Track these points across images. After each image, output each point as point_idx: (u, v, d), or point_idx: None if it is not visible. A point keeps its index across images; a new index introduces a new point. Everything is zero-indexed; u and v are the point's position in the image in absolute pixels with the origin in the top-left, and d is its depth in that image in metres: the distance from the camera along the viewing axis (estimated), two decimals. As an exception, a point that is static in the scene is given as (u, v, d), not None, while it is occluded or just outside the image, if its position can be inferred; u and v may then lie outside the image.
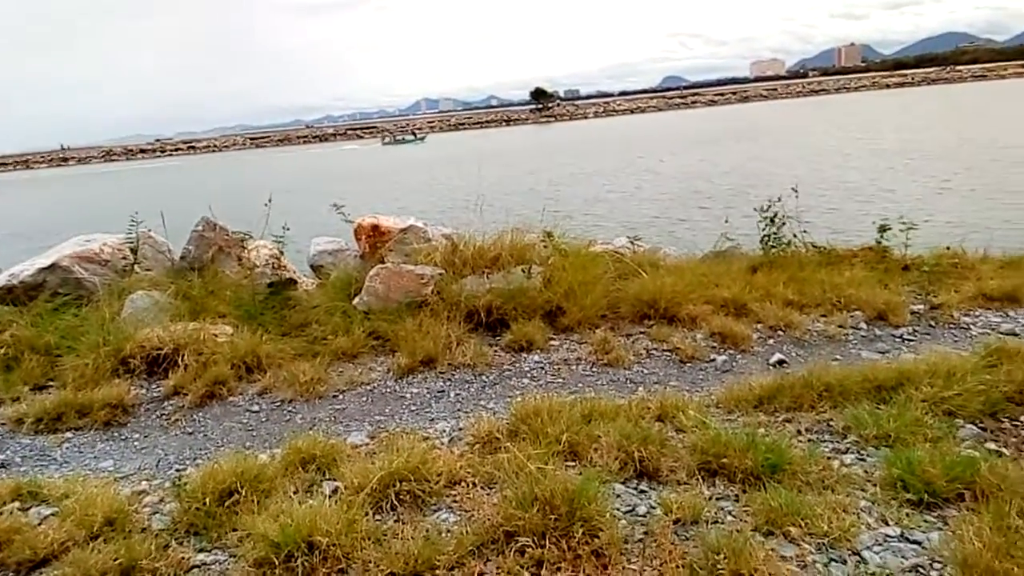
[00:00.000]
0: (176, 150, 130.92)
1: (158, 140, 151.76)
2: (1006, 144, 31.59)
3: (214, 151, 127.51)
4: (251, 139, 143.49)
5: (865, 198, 21.36)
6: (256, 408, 4.97)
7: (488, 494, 3.32)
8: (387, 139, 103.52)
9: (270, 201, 7.50)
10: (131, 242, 7.32)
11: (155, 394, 5.27)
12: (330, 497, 3.35)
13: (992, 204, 18.96)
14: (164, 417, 4.95)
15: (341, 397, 5.05)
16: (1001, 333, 5.38)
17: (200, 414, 4.96)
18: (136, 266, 7.30)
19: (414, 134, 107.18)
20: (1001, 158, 27.75)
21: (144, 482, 3.96)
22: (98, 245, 7.19)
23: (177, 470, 4.12)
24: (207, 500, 3.37)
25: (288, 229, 7.06)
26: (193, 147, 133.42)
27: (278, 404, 4.99)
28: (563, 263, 6.52)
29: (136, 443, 4.62)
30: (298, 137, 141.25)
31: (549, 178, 36.27)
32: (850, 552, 2.76)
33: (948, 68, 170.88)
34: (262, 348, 5.55)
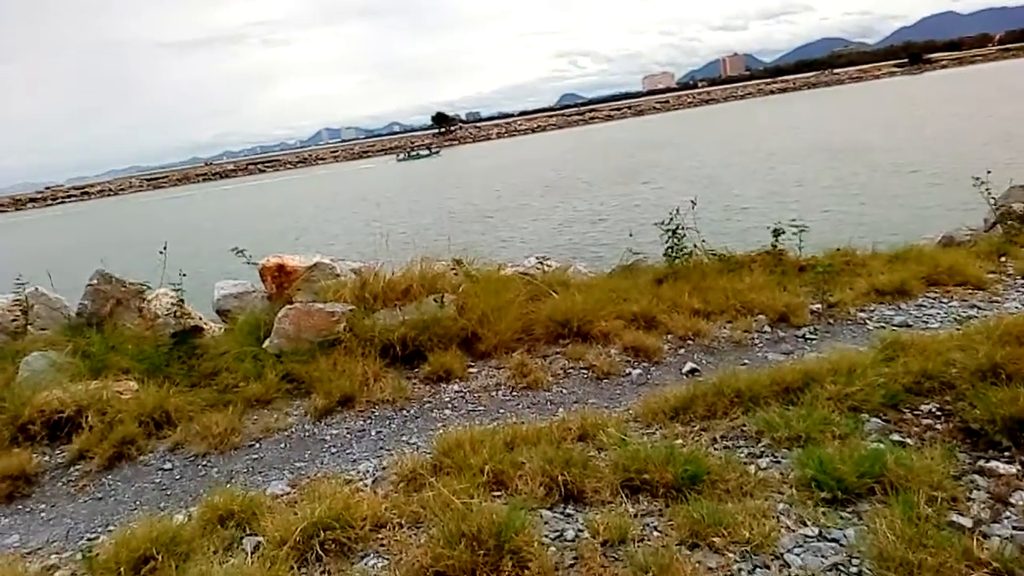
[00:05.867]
0: (68, 197, 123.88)
1: (48, 188, 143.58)
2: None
3: (109, 195, 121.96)
4: (148, 180, 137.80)
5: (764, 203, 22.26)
6: (168, 465, 4.79)
7: (415, 534, 3.27)
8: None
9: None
10: (20, 302, 6.95)
11: (59, 460, 5.02)
12: (252, 554, 3.25)
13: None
14: (71, 484, 4.73)
15: (258, 446, 4.92)
16: (895, 326, 5.67)
17: (109, 477, 4.75)
18: (29, 326, 6.94)
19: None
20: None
21: (54, 556, 3.80)
22: (-16, 307, 6.81)
23: (88, 539, 3.95)
24: (122, 570, 3.22)
25: (185, 275, 6.80)
26: (87, 192, 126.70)
27: (191, 459, 4.82)
28: (475, 289, 6.53)
29: (43, 514, 4.40)
30: (198, 175, 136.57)
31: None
32: (772, 557, 2.84)
33: (826, 71, 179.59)
34: (170, 402, 5.35)
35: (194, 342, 6.40)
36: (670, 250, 7.46)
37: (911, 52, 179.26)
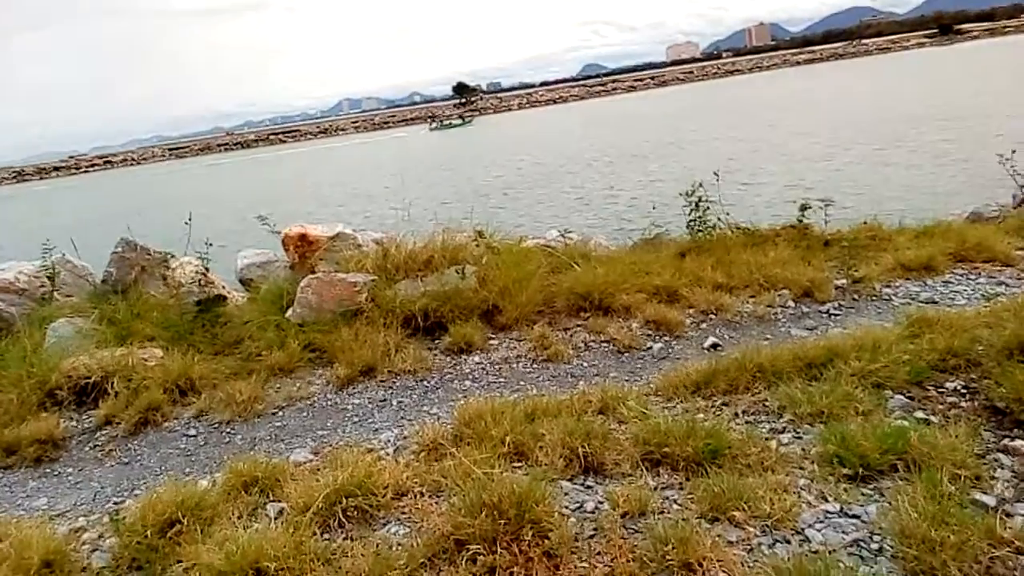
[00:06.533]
0: (92, 166, 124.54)
1: (72, 157, 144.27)
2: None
3: (132, 164, 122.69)
4: (170, 150, 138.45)
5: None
6: (193, 432, 4.86)
7: (436, 503, 3.31)
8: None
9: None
10: (47, 269, 7.04)
11: (86, 425, 5.09)
12: (275, 520, 3.31)
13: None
14: (98, 448, 4.80)
15: (281, 414, 4.97)
16: (921, 302, 5.60)
17: (135, 443, 4.82)
18: (56, 293, 7.03)
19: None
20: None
21: (81, 518, 3.85)
22: (12, 274, 6.89)
23: (115, 503, 4.01)
24: (148, 533, 3.28)
25: (211, 244, 6.84)
26: (110, 162, 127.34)
27: (216, 426, 4.88)
28: (496, 261, 6.53)
29: (70, 478, 4.47)
30: (219, 145, 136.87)
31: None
32: (793, 532, 2.84)
33: (854, 42, 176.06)
34: (195, 369, 5.41)
35: (218, 311, 6.44)
36: (693, 223, 7.40)
37: (941, 23, 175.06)
